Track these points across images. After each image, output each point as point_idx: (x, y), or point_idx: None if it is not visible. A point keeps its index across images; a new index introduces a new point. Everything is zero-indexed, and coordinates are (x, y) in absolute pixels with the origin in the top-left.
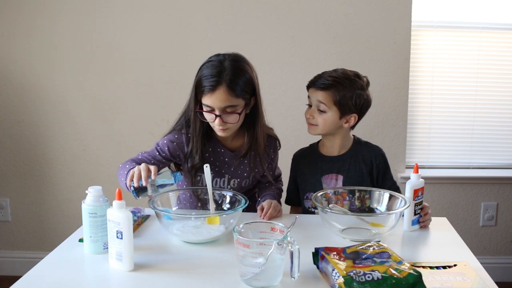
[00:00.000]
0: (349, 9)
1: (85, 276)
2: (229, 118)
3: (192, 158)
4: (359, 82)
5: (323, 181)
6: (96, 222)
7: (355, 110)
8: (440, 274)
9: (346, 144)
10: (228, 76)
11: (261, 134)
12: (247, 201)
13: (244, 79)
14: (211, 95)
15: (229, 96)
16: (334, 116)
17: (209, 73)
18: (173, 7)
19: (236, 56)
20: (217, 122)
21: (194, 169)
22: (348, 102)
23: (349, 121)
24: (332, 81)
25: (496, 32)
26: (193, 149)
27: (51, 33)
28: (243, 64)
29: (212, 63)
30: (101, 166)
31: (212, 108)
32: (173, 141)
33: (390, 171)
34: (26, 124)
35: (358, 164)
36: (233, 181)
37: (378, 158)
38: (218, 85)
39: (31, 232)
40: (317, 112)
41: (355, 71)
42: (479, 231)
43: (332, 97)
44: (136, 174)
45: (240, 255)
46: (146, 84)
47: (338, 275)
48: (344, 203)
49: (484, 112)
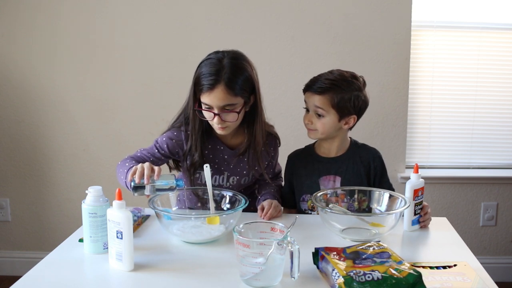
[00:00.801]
0: (349, 9)
1: (85, 276)
2: (228, 116)
3: (191, 156)
4: (356, 83)
5: (320, 182)
6: (96, 222)
7: (354, 111)
8: (440, 274)
9: (343, 145)
10: (226, 75)
11: (261, 132)
12: (247, 201)
13: (243, 77)
14: (209, 93)
15: (227, 95)
16: (332, 119)
17: (207, 72)
18: (173, 7)
19: (235, 54)
20: (215, 120)
21: (193, 167)
22: (346, 104)
23: (348, 123)
24: (329, 84)
25: (496, 32)
26: (193, 146)
27: (51, 33)
28: (242, 62)
29: (211, 61)
30: (101, 166)
31: (211, 106)
32: (172, 138)
33: (386, 173)
34: (26, 124)
35: (356, 166)
36: (232, 178)
37: (376, 160)
38: (216, 84)
39: (31, 232)
40: (315, 117)
41: (351, 72)
42: (479, 231)
43: (330, 101)
44: (139, 172)
45: (240, 255)
46: (146, 84)
47: (338, 275)
48: (342, 205)
49: (484, 112)
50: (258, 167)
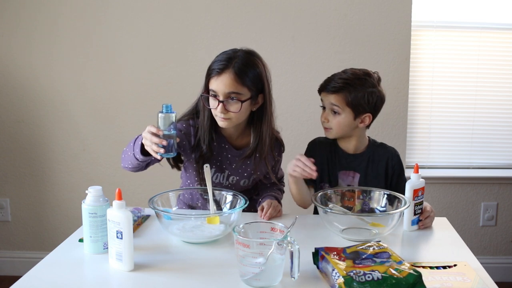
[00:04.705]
0: (349, 9)
1: (85, 276)
2: (232, 106)
3: (200, 148)
4: (370, 80)
5: (339, 176)
6: (96, 222)
7: (369, 109)
8: (440, 274)
9: (361, 144)
10: (237, 64)
11: (267, 135)
12: (247, 201)
13: (253, 71)
14: (217, 78)
15: (234, 82)
16: (348, 117)
17: (219, 59)
18: (173, 7)
19: (251, 51)
20: (219, 109)
21: (202, 159)
22: (360, 102)
23: (364, 121)
24: (343, 83)
25: (496, 32)
26: (201, 138)
27: (51, 33)
28: (255, 59)
29: (226, 52)
30: (101, 166)
31: (217, 94)
32: (181, 129)
33: (404, 173)
34: (26, 124)
35: (375, 164)
36: (232, 178)
37: (394, 159)
38: (225, 69)
39: (31, 232)
40: (331, 114)
41: (365, 69)
42: (479, 231)
43: (344, 99)
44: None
45: (240, 255)
46: (146, 84)
47: (338, 275)
48: (357, 202)
49: (484, 112)
50: (263, 169)
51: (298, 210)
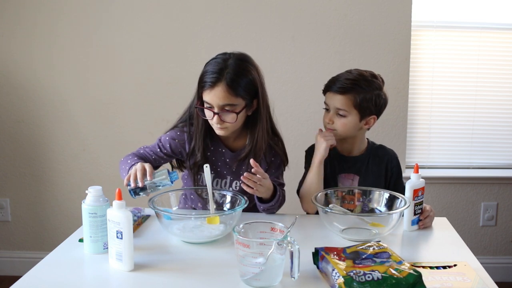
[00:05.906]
0: (349, 9)
1: (85, 276)
2: (227, 117)
3: (194, 156)
4: (376, 82)
5: (339, 179)
6: (96, 222)
7: (375, 111)
8: (440, 274)
9: (361, 146)
10: (229, 75)
11: (262, 138)
12: (247, 201)
13: (246, 79)
14: (210, 91)
15: (228, 94)
16: (354, 119)
17: (211, 69)
18: (173, 7)
19: (242, 56)
20: (215, 120)
21: (196, 167)
22: (368, 104)
23: (368, 123)
24: (351, 84)
25: (496, 32)
26: (195, 146)
27: (51, 33)
28: (247, 65)
29: (216, 60)
30: (101, 166)
31: (211, 105)
32: (175, 138)
33: (402, 176)
34: (26, 124)
35: (374, 166)
36: (235, 183)
37: (393, 162)
38: (217, 82)
39: (31, 232)
40: (336, 116)
41: (370, 71)
42: (479, 231)
43: (352, 101)
44: (133, 175)
45: (240, 255)
46: (146, 84)
47: (338, 275)
48: (357, 204)
49: (484, 112)
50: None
51: (298, 210)
